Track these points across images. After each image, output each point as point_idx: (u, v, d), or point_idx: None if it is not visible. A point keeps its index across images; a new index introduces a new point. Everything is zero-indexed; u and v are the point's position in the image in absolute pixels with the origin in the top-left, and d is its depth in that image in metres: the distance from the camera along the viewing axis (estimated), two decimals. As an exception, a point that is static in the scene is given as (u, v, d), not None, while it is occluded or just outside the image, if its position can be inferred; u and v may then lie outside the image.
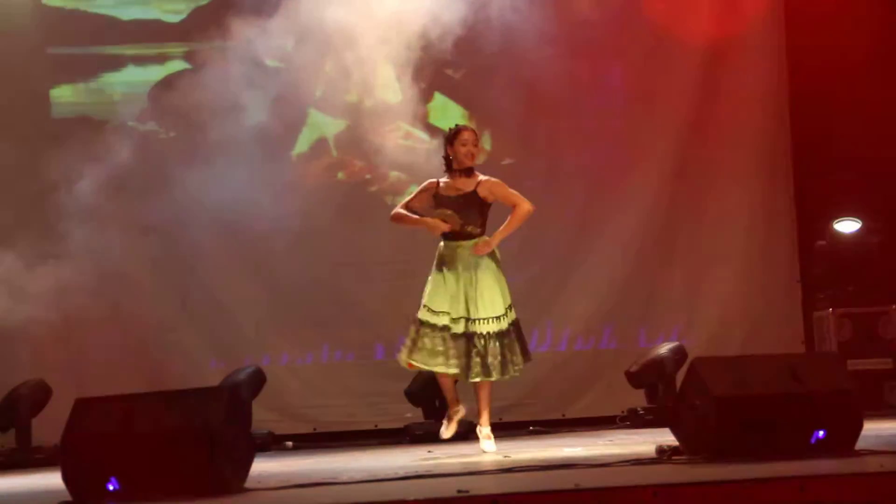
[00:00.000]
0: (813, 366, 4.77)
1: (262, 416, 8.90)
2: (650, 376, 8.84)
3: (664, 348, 8.87)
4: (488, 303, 6.37)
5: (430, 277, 6.52)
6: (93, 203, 8.08)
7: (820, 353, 8.80)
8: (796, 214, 9.75)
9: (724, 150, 9.63)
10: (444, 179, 6.57)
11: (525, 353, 6.44)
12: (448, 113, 9.11)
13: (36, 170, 8.37)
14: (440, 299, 6.36)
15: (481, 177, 6.54)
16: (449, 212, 6.39)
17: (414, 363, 6.36)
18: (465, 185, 6.50)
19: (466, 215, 6.43)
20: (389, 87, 7.24)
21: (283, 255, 9.21)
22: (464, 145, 6.44)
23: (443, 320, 6.33)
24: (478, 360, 6.23)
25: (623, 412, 8.93)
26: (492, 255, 6.51)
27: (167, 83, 8.97)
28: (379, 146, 7.17)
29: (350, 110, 7.83)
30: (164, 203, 8.49)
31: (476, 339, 6.29)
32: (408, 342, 6.36)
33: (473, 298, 6.35)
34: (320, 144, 9.42)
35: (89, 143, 8.08)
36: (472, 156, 6.47)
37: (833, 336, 9.15)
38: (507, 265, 6.74)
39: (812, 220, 9.66)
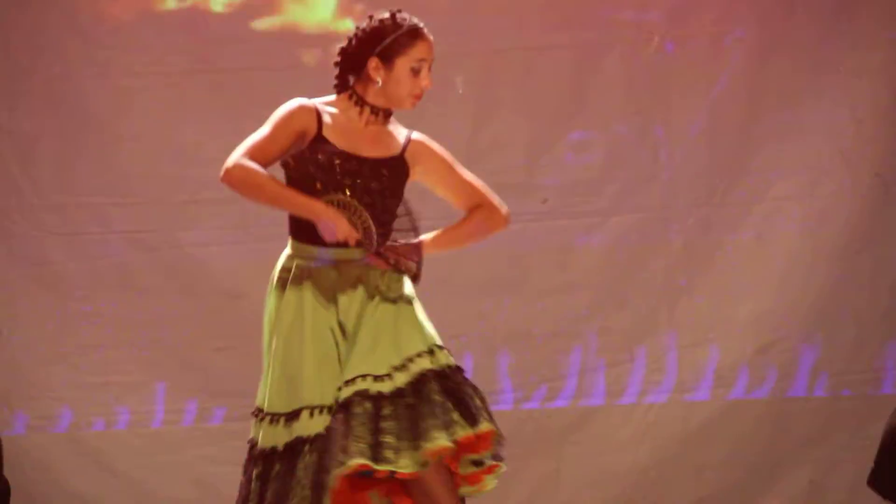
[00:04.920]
0: None
1: None
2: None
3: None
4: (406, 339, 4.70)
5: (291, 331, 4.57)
6: None
7: None
8: None
9: None
10: (330, 109, 4.69)
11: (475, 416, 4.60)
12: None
13: None
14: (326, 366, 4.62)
15: (407, 131, 4.79)
16: (348, 197, 4.68)
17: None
18: (384, 139, 4.75)
19: (383, 206, 4.71)
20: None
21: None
22: (416, 63, 4.65)
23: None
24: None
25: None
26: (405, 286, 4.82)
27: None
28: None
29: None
30: None
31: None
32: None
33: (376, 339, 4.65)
34: None
35: None
36: (418, 97, 4.71)
37: None
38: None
39: None
